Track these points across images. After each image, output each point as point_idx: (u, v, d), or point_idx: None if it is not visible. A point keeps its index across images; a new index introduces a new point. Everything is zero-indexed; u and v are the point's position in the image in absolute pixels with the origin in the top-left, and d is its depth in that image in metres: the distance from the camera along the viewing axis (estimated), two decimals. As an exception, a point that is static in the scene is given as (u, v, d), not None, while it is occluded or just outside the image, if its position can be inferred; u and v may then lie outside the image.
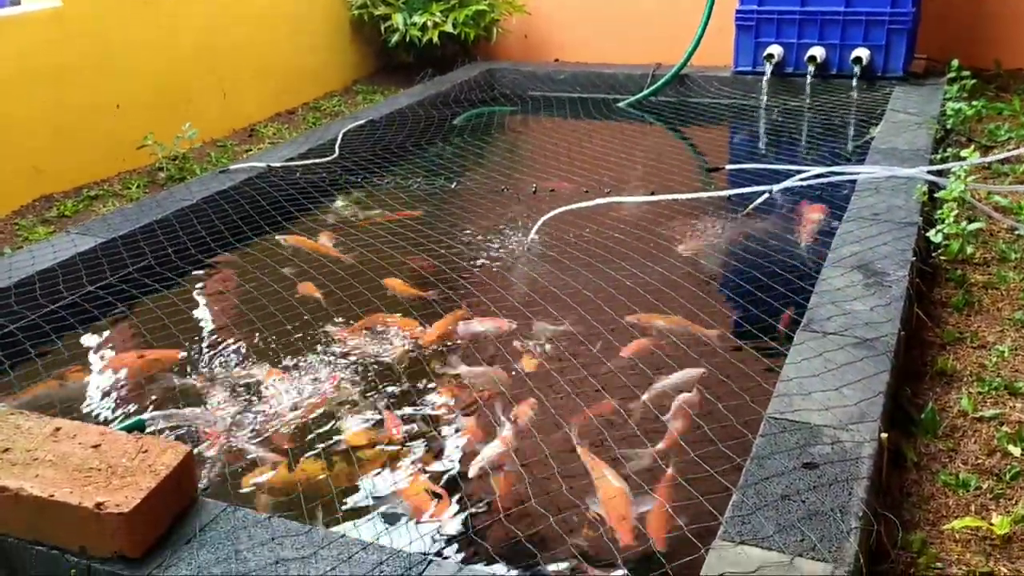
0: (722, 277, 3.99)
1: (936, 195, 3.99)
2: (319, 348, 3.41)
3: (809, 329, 2.98)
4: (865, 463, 2.27)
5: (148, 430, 2.73)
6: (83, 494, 2.03)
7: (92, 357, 3.47)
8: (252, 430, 2.88)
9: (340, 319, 3.62)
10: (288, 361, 3.32)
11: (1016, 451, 2.65)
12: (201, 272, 4.18)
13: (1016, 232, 4.08)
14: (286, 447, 2.82)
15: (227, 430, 2.84)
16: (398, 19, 7.51)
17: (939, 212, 3.88)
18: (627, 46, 7.77)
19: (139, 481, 2.07)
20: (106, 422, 2.98)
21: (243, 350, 3.41)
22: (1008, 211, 4.30)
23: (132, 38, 5.80)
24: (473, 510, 2.55)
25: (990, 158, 4.58)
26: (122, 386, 3.18)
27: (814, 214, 4.33)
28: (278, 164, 5.14)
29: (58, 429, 2.26)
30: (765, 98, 6.53)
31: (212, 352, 3.43)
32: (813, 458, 2.31)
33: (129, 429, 2.49)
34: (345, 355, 3.35)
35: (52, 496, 2.02)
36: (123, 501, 2.00)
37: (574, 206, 4.31)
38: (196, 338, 3.57)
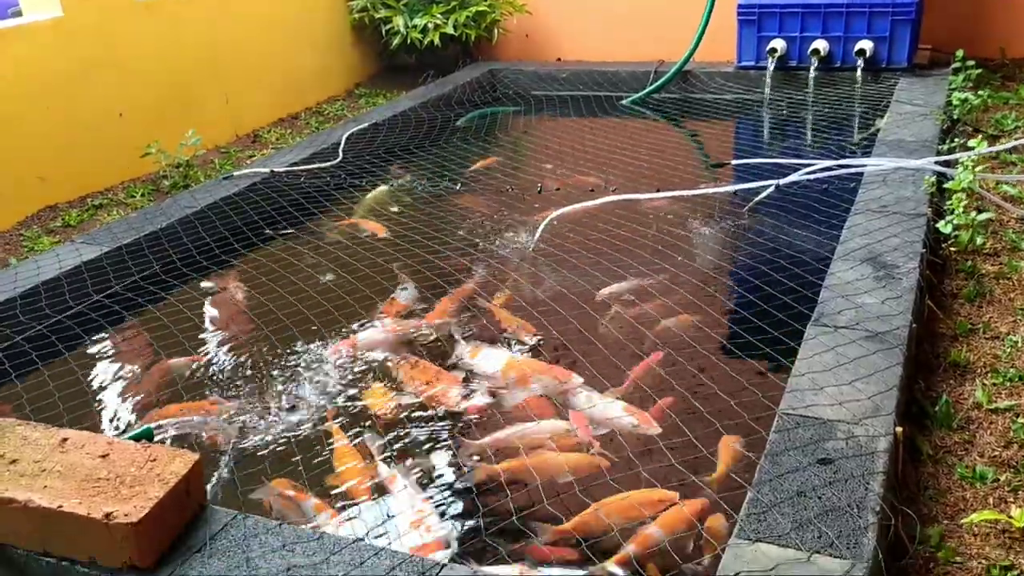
0: (729, 274, 3.96)
1: (945, 186, 3.95)
2: (325, 356, 3.39)
3: (820, 323, 2.95)
4: (881, 458, 2.24)
5: (157, 438, 2.71)
6: (92, 505, 2.01)
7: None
8: (261, 436, 2.86)
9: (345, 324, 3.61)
10: (295, 367, 3.31)
11: (1033, 442, 2.63)
12: (207, 279, 4.16)
13: (1026, 221, 4.05)
14: (295, 452, 2.81)
15: (236, 437, 2.82)
16: (399, 22, 7.50)
17: (948, 203, 3.84)
18: (629, 43, 7.75)
19: (148, 490, 2.05)
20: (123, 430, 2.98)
21: (252, 356, 3.39)
22: (1017, 200, 4.27)
23: (134, 46, 5.79)
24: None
25: (998, 147, 4.54)
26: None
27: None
28: (282, 169, 5.12)
29: (65, 439, 2.24)
30: (769, 92, 6.49)
31: (220, 359, 3.41)
32: (828, 454, 2.28)
33: (137, 438, 2.47)
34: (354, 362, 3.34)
35: (61, 507, 2.01)
36: (132, 511, 1.99)
37: (579, 205, 4.29)
38: (204, 345, 3.56)
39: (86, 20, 5.45)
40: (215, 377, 3.30)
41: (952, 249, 3.82)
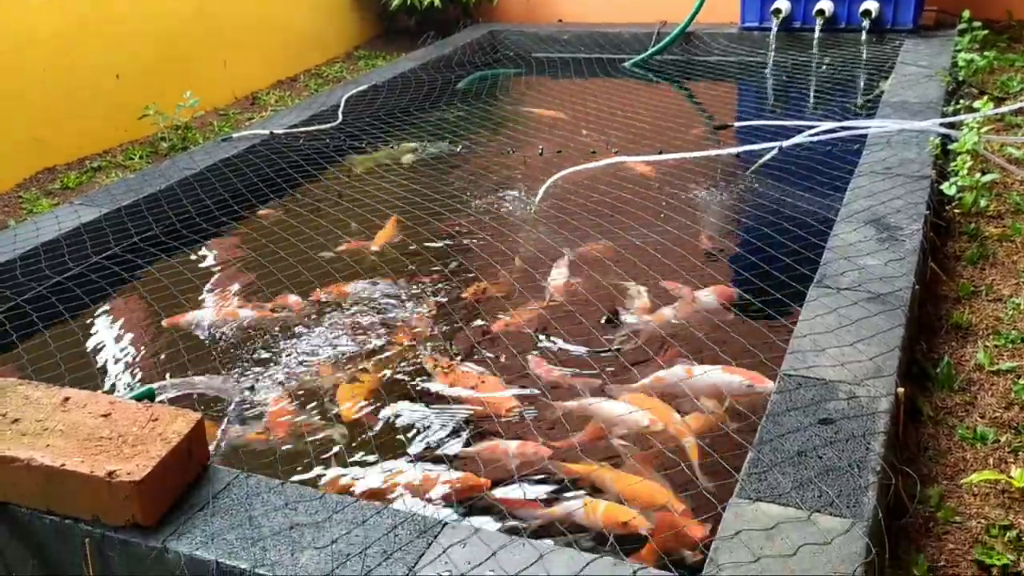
0: (732, 237, 3.94)
1: (949, 148, 3.92)
2: (327, 316, 3.39)
3: (822, 285, 2.94)
4: (881, 418, 2.24)
5: (158, 399, 2.72)
6: (94, 463, 2.02)
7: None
8: (263, 397, 2.87)
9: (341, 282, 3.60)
10: (295, 329, 3.31)
11: (1034, 404, 2.63)
12: (206, 241, 4.15)
13: (1031, 183, 4.02)
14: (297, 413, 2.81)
15: (239, 397, 2.83)
16: (398, -18, 7.40)
17: (952, 165, 3.81)
18: (631, 4, 7.65)
19: (150, 449, 2.05)
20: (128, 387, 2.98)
21: (252, 316, 3.39)
22: (1022, 163, 4.24)
23: (131, 6, 5.72)
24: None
25: (1003, 108, 4.50)
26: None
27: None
28: (281, 131, 5.08)
29: (67, 399, 2.24)
30: (773, 54, 6.42)
31: (221, 320, 3.41)
32: (829, 414, 2.28)
33: (139, 398, 2.47)
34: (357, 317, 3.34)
35: (63, 466, 2.01)
36: (135, 469, 1.99)
37: (581, 167, 4.26)
38: (205, 305, 3.55)
39: (80, -21, 5.39)
40: (213, 336, 3.30)
41: (956, 211, 3.80)
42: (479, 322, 3.34)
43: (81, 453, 2.05)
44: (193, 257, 4.01)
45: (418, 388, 2.95)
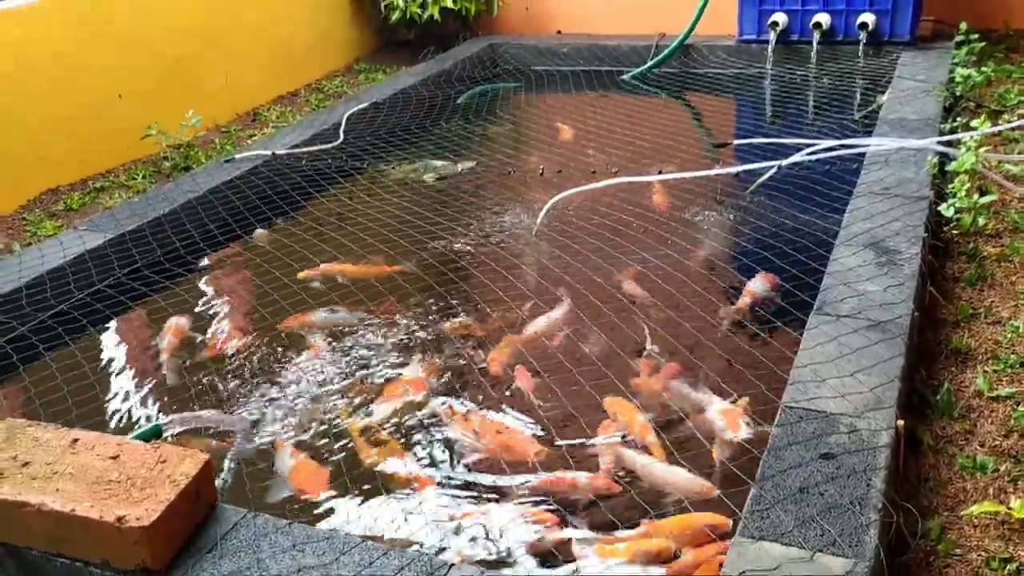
0: (732, 261, 3.96)
1: (947, 168, 3.95)
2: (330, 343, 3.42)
3: (822, 312, 2.97)
4: (882, 452, 2.27)
5: (165, 434, 2.74)
6: (103, 508, 2.04)
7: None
8: (270, 428, 2.89)
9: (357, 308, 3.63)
10: (297, 354, 3.33)
11: (1033, 432, 2.65)
12: (210, 265, 4.18)
13: (1028, 201, 4.04)
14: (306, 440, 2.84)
15: (246, 430, 2.85)
16: (397, -4, 7.43)
17: (951, 186, 3.84)
18: (629, 15, 7.67)
19: (158, 492, 2.08)
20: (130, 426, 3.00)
21: (257, 345, 3.41)
22: (1019, 179, 4.25)
23: (132, 26, 5.75)
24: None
25: (1001, 127, 4.52)
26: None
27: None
28: (283, 152, 5.11)
29: (76, 440, 2.27)
30: (771, 67, 6.45)
31: (227, 351, 3.43)
32: (830, 448, 2.30)
33: (147, 436, 2.50)
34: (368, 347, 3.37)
35: (73, 511, 2.04)
36: (143, 514, 2.01)
37: (581, 188, 4.28)
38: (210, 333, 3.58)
39: (83, 1, 5.40)
40: (219, 367, 3.33)
41: (954, 232, 3.82)
42: (478, 359, 3.30)
43: (90, 497, 2.08)
44: (196, 283, 4.03)
45: (435, 436, 2.92)
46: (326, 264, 4.00)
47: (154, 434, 2.63)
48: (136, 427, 2.81)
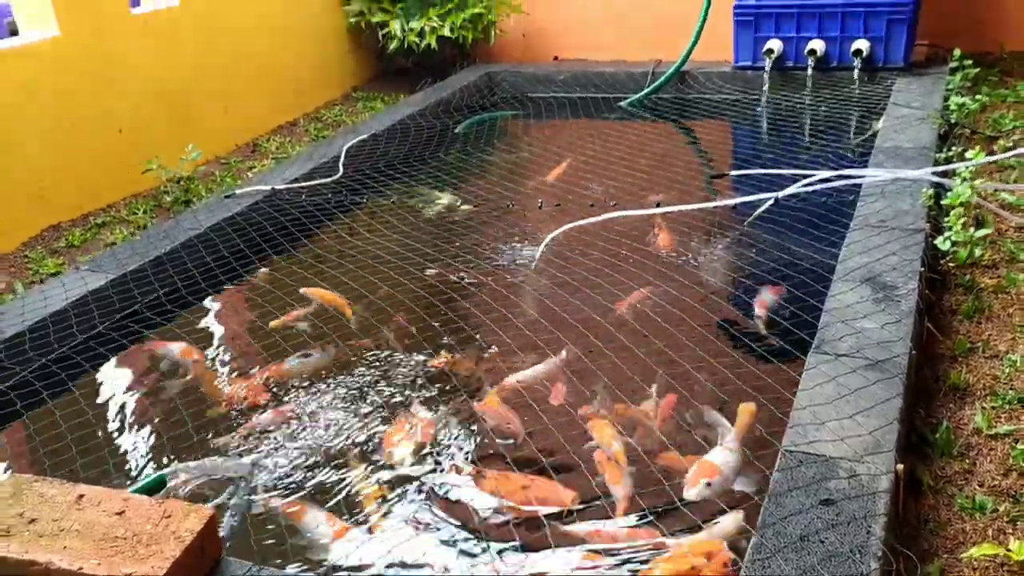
0: (729, 296, 3.98)
1: (943, 202, 3.98)
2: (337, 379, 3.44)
3: (821, 351, 2.99)
4: (882, 498, 2.28)
5: (170, 483, 2.76)
6: (111, 565, 2.06)
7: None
8: (275, 474, 2.90)
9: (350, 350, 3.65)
10: (304, 397, 3.35)
11: (1031, 471, 2.67)
12: (210, 304, 4.20)
13: (1024, 230, 4.07)
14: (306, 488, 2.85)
15: (249, 476, 2.86)
16: (395, 26, 7.49)
17: (946, 219, 3.87)
18: (625, 41, 7.76)
19: (164, 549, 2.09)
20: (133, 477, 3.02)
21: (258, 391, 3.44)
22: (1015, 208, 4.28)
23: (132, 61, 5.80)
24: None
25: (996, 157, 4.56)
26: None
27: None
28: (282, 187, 5.14)
29: (82, 496, 2.28)
30: (766, 93, 6.50)
31: (229, 393, 3.45)
32: (831, 494, 2.32)
33: (151, 487, 2.52)
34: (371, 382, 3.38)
35: (81, 569, 2.05)
36: (150, 571, 2.03)
37: (580, 222, 4.32)
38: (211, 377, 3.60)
39: (83, 37, 5.46)
40: (223, 413, 3.34)
41: (951, 264, 3.85)
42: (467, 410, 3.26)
43: (97, 555, 2.09)
44: (197, 322, 4.05)
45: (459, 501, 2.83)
46: (297, 311, 3.98)
47: (158, 485, 2.65)
48: (141, 477, 2.82)
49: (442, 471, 2.92)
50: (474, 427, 3.16)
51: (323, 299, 4.08)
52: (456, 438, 3.11)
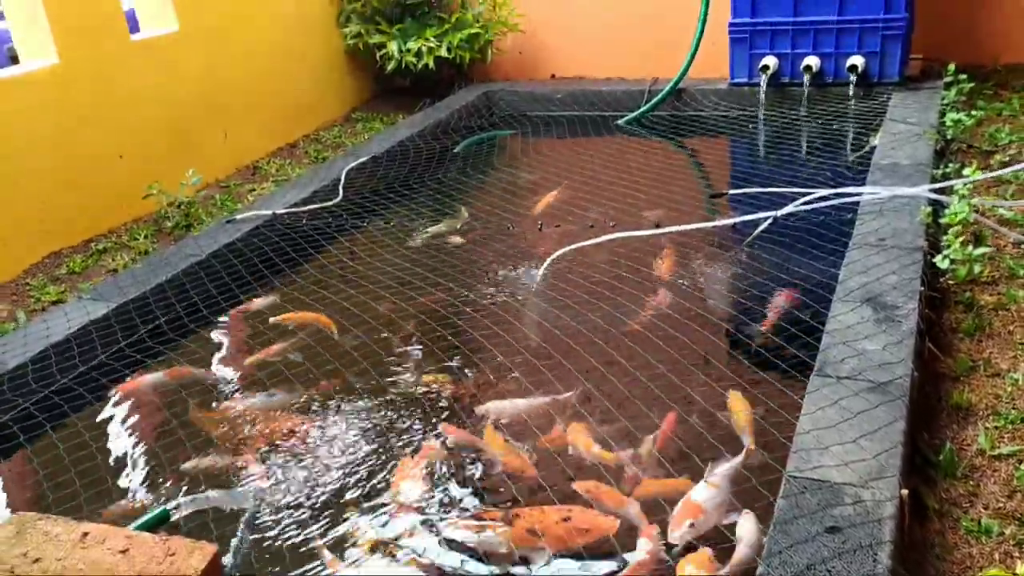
0: (730, 319, 3.99)
1: (941, 220, 3.99)
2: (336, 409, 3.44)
3: (823, 373, 2.99)
4: (887, 524, 2.28)
5: (173, 517, 2.76)
6: (116, 605, 2.06)
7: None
8: (279, 505, 2.90)
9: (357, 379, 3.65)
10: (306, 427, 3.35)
11: (1036, 493, 2.67)
12: (212, 333, 4.21)
13: (1023, 246, 4.08)
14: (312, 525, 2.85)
15: (253, 508, 2.86)
16: (393, 47, 7.52)
17: (945, 238, 3.88)
18: (622, 58, 7.80)
19: (170, 588, 2.09)
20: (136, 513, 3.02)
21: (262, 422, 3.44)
22: (1013, 223, 4.30)
23: (132, 86, 5.82)
24: None
25: (993, 172, 4.57)
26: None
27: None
28: (283, 211, 5.16)
29: (86, 534, 2.28)
30: (763, 109, 6.53)
31: (231, 423, 3.45)
32: (836, 521, 2.32)
33: (154, 522, 2.52)
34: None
35: (86, 610, 2.05)
36: (156, 611, 2.03)
37: (580, 244, 4.33)
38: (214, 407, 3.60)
39: (83, 65, 5.48)
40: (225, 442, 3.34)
41: (950, 282, 3.86)
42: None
43: (103, 595, 2.09)
44: (200, 351, 4.05)
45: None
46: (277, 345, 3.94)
47: (161, 520, 2.65)
48: (145, 512, 2.82)
49: (469, 516, 2.80)
50: (479, 464, 3.13)
51: (302, 321, 4.06)
52: (464, 478, 3.07)
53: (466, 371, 3.65)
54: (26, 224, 5.18)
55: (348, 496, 2.96)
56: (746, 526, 2.61)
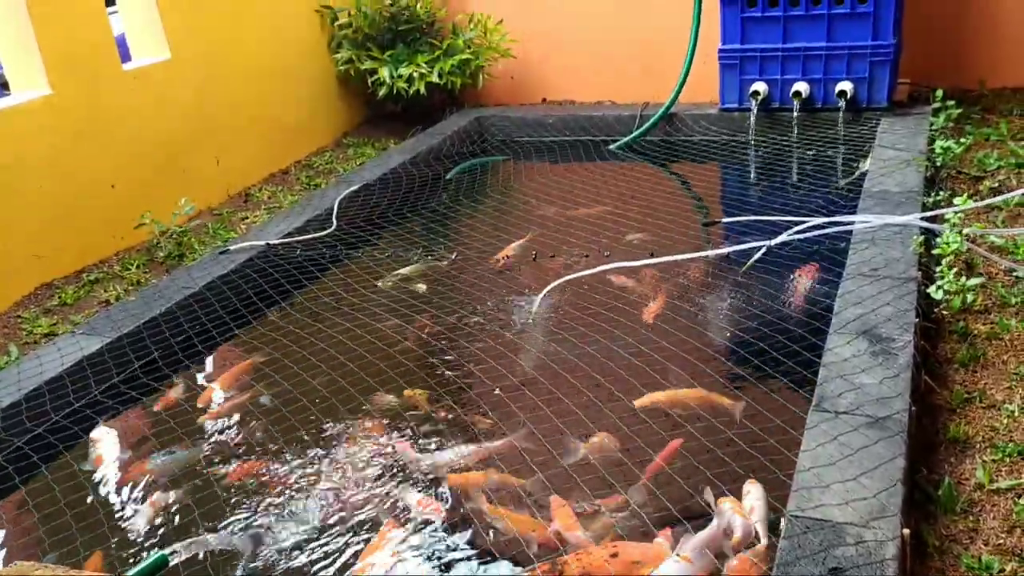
0: (725, 352, 4.00)
1: (934, 251, 4.02)
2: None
3: (821, 408, 3.00)
4: (890, 566, 2.29)
5: (172, 562, 2.73)
6: (118, 658, 2.04)
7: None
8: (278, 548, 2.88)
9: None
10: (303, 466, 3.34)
11: (1035, 529, 2.68)
12: (207, 367, 4.19)
13: (1014, 274, 4.11)
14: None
15: (251, 551, 2.84)
16: (384, 72, 7.54)
17: (938, 269, 3.90)
18: (613, 83, 7.85)
19: (172, 640, 2.07)
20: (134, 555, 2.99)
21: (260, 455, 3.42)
22: (1004, 251, 4.33)
23: (124, 116, 5.81)
24: None
25: (984, 202, 4.62)
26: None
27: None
28: (277, 242, 5.15)
29: (86, 584, 2.26)
30: (753, 135, 6.58)
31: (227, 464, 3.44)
32: (839, 562, 2.32)
33: (152, 568, 2.50)
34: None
35: (87, 664, 2.03)
36: (158, 665, 2.01)
37: (574, 275, 4.34)
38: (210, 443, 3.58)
39: (76, 95, 5.47)
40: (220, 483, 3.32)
41: (944, 312, 3.88)
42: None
43: (104, 648, 2.07)
44: (195, 386, 4.04)
45: None
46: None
47: (159, 566, 2.62)
48: (143, 557, 2.79)
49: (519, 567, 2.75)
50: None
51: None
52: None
53: (458, 407, 3.65)
54: (18, 255, 5.15)
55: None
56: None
